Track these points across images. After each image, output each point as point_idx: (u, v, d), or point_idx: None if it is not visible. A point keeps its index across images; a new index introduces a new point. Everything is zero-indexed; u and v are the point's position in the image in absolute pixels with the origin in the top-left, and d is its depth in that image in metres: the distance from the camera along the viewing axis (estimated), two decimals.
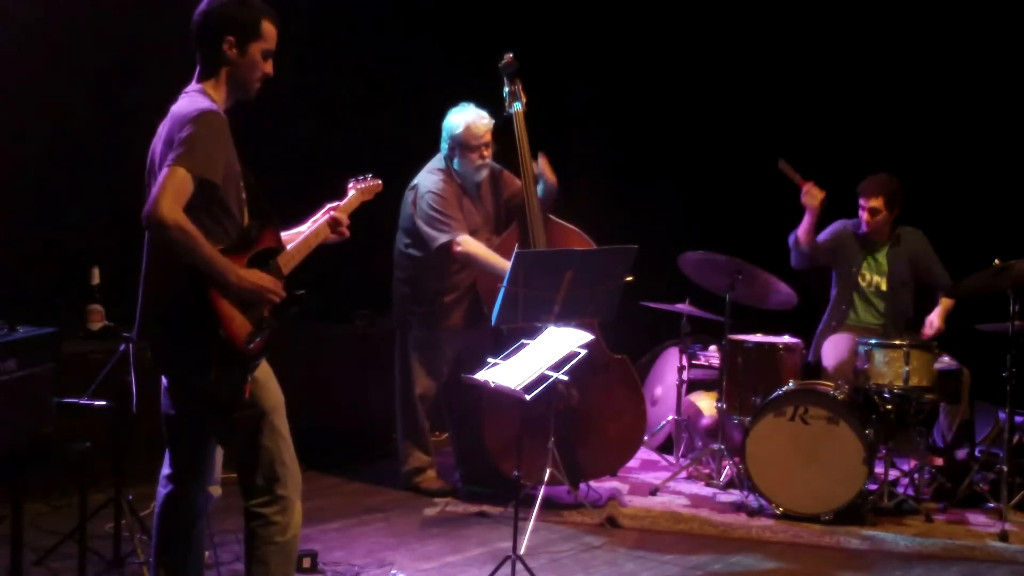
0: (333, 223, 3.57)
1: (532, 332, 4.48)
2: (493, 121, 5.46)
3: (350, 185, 3.82)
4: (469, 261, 5.35)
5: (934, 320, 5.74)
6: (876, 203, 5.90)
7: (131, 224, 3.21)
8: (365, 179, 3.87)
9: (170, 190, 2.95)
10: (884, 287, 5.99)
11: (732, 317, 5.70)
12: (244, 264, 3.12)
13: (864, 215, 5.94)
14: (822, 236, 6.05)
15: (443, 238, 5.32)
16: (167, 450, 3.39)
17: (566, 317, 4.83)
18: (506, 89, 5.49)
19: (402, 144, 5.75)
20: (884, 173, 5.97)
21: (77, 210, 5.56)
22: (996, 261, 5.25)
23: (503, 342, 4.78)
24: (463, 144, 5.40)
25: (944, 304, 5.78)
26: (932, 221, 6.09)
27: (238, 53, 3.19)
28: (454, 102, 5.50)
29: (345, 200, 3.72)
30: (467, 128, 5.39)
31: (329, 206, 3.66)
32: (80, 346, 5.22)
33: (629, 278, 5.05)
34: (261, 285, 3.12)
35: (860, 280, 6.01)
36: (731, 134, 7.52)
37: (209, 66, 3.22)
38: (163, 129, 3.14)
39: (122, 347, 4.26)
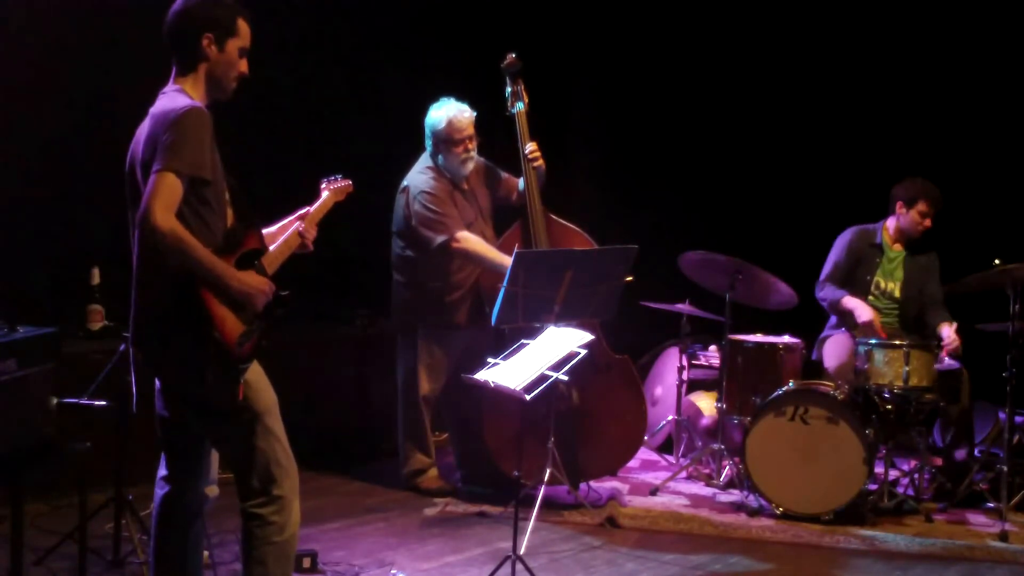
0: (300, 233, 3.52)
1: (533, 332, 4.48)
2: (475, 113, 5.43)
3: (323, 185, 3.80)
4: (469, 257, 5.34)
5: (951, 334, 5.63)
6: (935, 210, 5.89)
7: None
8: (336, 179, 3.85)
9: (161, 196, 2.94)
10: (897, 294, 5.95)
11: (732, 317, 5.69)
12: (232, 265, 3.11)
13: (925, 221, 5.87)
14: (840, 257, 5.96)
15: (440, 238, 5.30)
16: (162, 452, 3.39)
17: (566, 317, 4.82)
18: (508, 89, 5.48)
19: (403, 143, 5.74)
20: (924, 178, 5.96)
21: (77, 210, 5.56)
22: (996, 262, 5.25)
23: (505, 341, 4.78)
24: (447, 139, 5.37)
25: (952, 325, 5.73)
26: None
27: (217, 50, 3.19)
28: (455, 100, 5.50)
29: (319, 203, 3.69)
30: (449, 123, 5.36)
31: (302, 211, 3.60)
32: (80, 346, 5.22)
33: (629, 278, 5.05)
34: (259, 288, 3.12)
35: (874, 288, 5.95)
36: (731, 134, 7.52)
37: (186, 65, 3.20)
38: (141, 133, 3.12)
39: (122, 347, 4.26)
